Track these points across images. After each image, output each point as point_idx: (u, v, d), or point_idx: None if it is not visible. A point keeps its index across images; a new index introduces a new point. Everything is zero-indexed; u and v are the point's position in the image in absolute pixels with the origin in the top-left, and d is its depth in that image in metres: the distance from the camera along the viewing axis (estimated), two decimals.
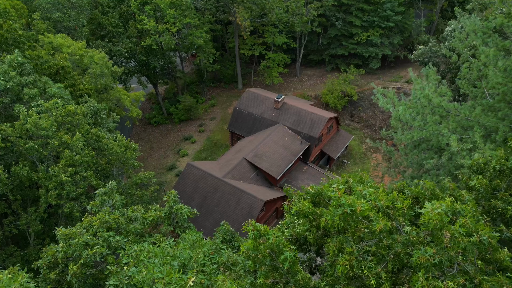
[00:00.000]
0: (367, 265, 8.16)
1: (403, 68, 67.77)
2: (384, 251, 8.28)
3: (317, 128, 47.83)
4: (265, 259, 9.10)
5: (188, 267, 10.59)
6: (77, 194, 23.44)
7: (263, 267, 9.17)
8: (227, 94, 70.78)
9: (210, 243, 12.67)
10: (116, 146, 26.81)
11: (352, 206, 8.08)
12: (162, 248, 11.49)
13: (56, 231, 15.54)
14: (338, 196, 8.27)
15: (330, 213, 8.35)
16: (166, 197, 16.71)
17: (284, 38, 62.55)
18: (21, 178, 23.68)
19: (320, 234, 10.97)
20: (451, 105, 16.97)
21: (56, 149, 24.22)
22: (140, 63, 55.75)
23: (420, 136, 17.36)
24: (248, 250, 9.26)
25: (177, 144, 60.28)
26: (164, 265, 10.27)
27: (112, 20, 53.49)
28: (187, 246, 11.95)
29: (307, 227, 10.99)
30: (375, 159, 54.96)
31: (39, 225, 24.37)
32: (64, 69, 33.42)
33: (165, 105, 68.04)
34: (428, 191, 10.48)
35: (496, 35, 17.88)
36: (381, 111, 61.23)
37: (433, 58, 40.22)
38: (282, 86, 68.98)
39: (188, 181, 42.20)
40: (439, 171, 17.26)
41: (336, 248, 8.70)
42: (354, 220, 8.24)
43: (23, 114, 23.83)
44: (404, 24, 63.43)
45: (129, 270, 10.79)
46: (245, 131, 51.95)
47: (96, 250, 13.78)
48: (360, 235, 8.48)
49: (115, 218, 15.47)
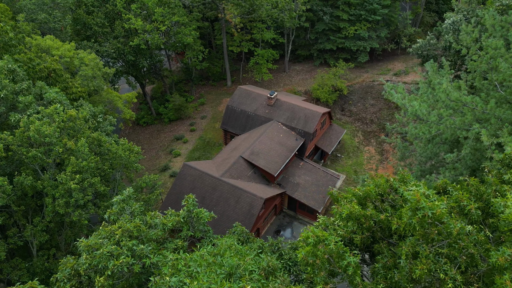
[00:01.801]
0: (442, 267, 8.07)
1: (390, 61, 68.46)
2: (456, 253, 8.21)
3: (311, 124, 47.88)
4: (324, 264, 8.92)
5: (236, 274, 10.28)
6: (85, 201, 22.70)
7: (322, 272, 8.99)
8: (216, 92, 70.16)
9: (246, 248, 12.39)
10: (120, 150, 26.09)
11: (432, 209, 7.93)
12: (201, 256, 11.14)
13: (78, 242, 14.95)
14: (417, 199, 8.10)
15: (405, 216, 8.20)
16: (185, 201, 16.32)
17: (272, 34, 62.32)
18: (24, 188, 22.76)
19: (366, 236, 10.84)
20: (468, 98, 17.08)
21: (61, 156, 23.37)
22: (129, 63, 54.61)
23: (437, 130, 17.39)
24: (306, 256, 9.05)
25: (168, 144, 59.47)
26: (210, 273, 9.94)
27: (98, 20, 52.17)
28: (233, 253, 11.63)
29: (351, 229, 10.85)
30: (368, 152, 55.45)
31: (45, 235, 23.49)
32: (56, 72, 32.37)
33: (153, 105, 67.01)
34: (473, 188, 10.44)
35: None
36: (371, 104, 61.79)
37: (431, 51, 40.56)
38: (271, 82, 68.78)
39: (185, 181, 41.66)
40: (455, 164, 17.41)
41: (409, 251, 8.57)
42: (428, 223, 8.12)
43: (23, 121, 22.85)
44: (391, 17, 63.98)
45: (171, 281, 10.42)
46: (239, 129, 51.60)
47: (123, 260, 13.33)
48: (434, 237, 8.35)
49: (137, 225, 15.00)
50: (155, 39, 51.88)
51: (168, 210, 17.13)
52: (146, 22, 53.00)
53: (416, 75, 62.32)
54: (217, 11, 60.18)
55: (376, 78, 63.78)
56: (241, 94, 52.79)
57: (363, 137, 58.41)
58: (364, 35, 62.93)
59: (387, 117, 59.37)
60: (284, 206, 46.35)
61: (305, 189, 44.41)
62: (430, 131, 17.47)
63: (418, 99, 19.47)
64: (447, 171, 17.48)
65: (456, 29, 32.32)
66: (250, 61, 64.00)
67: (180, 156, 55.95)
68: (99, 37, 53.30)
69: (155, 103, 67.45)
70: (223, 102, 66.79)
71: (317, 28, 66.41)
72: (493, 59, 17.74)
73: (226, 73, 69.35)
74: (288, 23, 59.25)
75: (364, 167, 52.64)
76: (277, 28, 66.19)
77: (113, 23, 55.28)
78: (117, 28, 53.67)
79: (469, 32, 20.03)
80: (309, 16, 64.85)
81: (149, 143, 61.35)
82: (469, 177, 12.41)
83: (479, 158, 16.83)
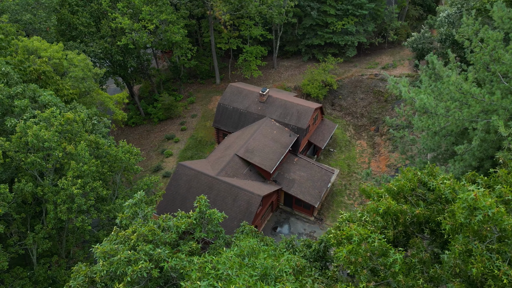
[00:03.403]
0: (495, 263, 8.04)
1: (378, 55, 69.01)
2: (507, 248, 8.18)
3: (304, 119, 47.92)
4: (366, 262, 8.82)
5: (271, 276, 10.07)
6: (87, 206, 22.07)
7: (364, 270, 8.89)
8: (205, 90, 69.58)
9: (272, 248, 12.21)
10: (120, 153, 25.46)
11: (491, 208, 7.83)
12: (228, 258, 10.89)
13: (93, 249, 14.49)
14: (475, 198, 7.99)
15: (459, 215, 8.10)
16: (197, 203, 16.03)
17: (261, 30, 62.04)
18: (25, 195, 21.97)
19: (399, 231, 10.79)
20: (477, 90, 17.25)
21: (60, 161, 22.65)
22: (116, 63, 53.58)
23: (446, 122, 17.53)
24: (348, 254, 8.93)
25: (159, 145, 58.75)
26: (242, 276, 9.71)
27: (83, 19, 51.01)
28: (267, 254, 11.40)
29: (382, 224, 10.77)
30: (359, 146, 55.86)
31: (48, 242, 22.76)
32: (46, 74, 31.46)
33: (141, 105, 66.06)
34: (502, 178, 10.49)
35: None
36: (361, 99, 62.22)
37: (426, 44, 40.87)
38: (260, 79, 68.57)
39: (180, 182, 41.20)
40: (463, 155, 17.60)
41: (462, 249, 8.50)
42: (482, 221, 8.06)
43: (20, 126, 22.02)
44: (377, 11, 64.45)
45: (201, 285, 10.12)
46: (232, 127, 51.29)
47: (142, 265, 12.96)
48: (487, 235, 8.29)
49: (151, 229, 14.64)
50: (143, 38, 51.02)
51: (178, 212, 16.81)
52: (133, 21, 52.07)
53: (404, 68, 63.01)
54: (205, 8, 59.54)
55: (365, 72, 64.23)
56: (233, 91, 52.44)
57: (354, 131, 58.81)
58: (351, 30, 63.25)
59: (377, 111, 59.89)
60: (280, 203, 46.34)
61: (300, 184, 44.46)
62: (440, 123, 17.60)
63: (422, 92, 19.57)
64: (456, 162, 17.67)
65: (451, 22, 32.76)
66: (239, 58, 63.64)
67: (172, 156, 55.34)
68: (85, 37, 52.13)
69: (143, 103, 66.52)
70: (212, 100, 66.30)
71: (304, 23, 66.44)
72: (495, 50, 17.99)
73: (215, 70, 68.83)
74: (277, 19, 59.07)
75: (357, 161, 53.02)
76: (265, 24, 65.96)
77: (99, 22, 54.15)
78: (103, 27, 52.59)
79: (469, 24, 20.27)
80: (296, 12, 64.81)
81: (139, 144, 60.46)
82: (473, 170, 12.56)
83: (486, 149, 17.08)
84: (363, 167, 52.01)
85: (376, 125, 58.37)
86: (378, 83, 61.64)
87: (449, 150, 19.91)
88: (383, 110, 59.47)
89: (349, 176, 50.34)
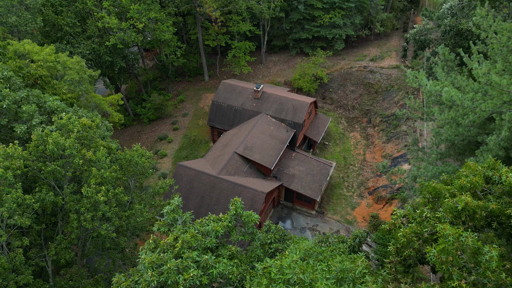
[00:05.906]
0: None
1: (365, 47, 69.64)
2: None
3: (300, 114, 48.01)
4: (457, 261, 8.83)
5: (348, 278, 9.97)
6: (111, 213, 21.41)
7: (455, 269, 8.90)
8: (194, 88, 68.73)
9: (330, 248, 12.12)
10: (136, 157, 24.79)
11: None
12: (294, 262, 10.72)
13: (140, 260, 14.06)
14: None
15: None
16: (232, 205, 15.79)
17: (249, 26, 61.58)
18: (46, 205, 21.12)
19: (469, 226, 10.86)
20: (504, 81, 17.61)
21: (80, 168, 21.87)
22: (105, 64, 52.23)
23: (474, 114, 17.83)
24: (439, 253, 8.93)
25: (152, 145, 57.80)
26: (319, 280, 9.57)
27: (68, 19, 49.43)
28: (343, 257, 11.30)
29: (448, 220, 10.81)
30: (353, 138, 56.42)
31: (71, 252, 21.97)
32: (42, 78, 30.35)
33: (130, 105, 64.75)
34: None
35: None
36: (352, 91, 62.77)
37: (427, 36, 41.33)
38: (250, 75, 68.20)
39: (181, 182, 40.70)
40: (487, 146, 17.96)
41: None
42: None
43: (37, 134, 21.07)
44: (363, 4, 64.91)
45: None
46: (227, 125, 50.90)
47: (193, 273, 12.65)
48: None
49: (193, 235, 14.30)
50: (132, 37, 49.86)
51: (209, 215, 16.53)
52: (120, 20, 50.81)
53: (392, 59, 63.82)
54: (192, 5, 58.62)
55: (354, 65, 64.76)
56: (226, 88, 51.97)
57: (347, 124, 59.33)
58: (339, 23, 63.55)
59: (368, 102, 60.55)
60: (281, 198, 46.42)
61: (300, 179, 44.60)
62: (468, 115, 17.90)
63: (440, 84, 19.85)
64: (484, 153, 18.03)
65: (454, 14, 33.35)
66: (229, 54, 63.05)
67: (167, 157, 54.56)
68: (71, 38, 50.57)
69: (131, 103, 65.21)
70: (203, 98, 65.59)
71: (291, 17, 66.33)
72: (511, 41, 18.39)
73: (203, 68, 68.06)
74: (267, 14, 58.76)
75: (352, 153, 53.56)
76: (253, 20, 65.49)
77: (84, 22, 52.59)
78: (90, 27, 51.11)
79: (483, 16, 20.64)
80: (283, 6, 64.59)
81: (130, 145, 59.29)
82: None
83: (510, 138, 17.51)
84: (359, 158, 52.58)
85: (368, 116, 59.04)
86: (368, 75, 62.26)
87: (465, 141, 20.34)
88: (374, 102, 60.16)
89: (346, 169, 50.81)
